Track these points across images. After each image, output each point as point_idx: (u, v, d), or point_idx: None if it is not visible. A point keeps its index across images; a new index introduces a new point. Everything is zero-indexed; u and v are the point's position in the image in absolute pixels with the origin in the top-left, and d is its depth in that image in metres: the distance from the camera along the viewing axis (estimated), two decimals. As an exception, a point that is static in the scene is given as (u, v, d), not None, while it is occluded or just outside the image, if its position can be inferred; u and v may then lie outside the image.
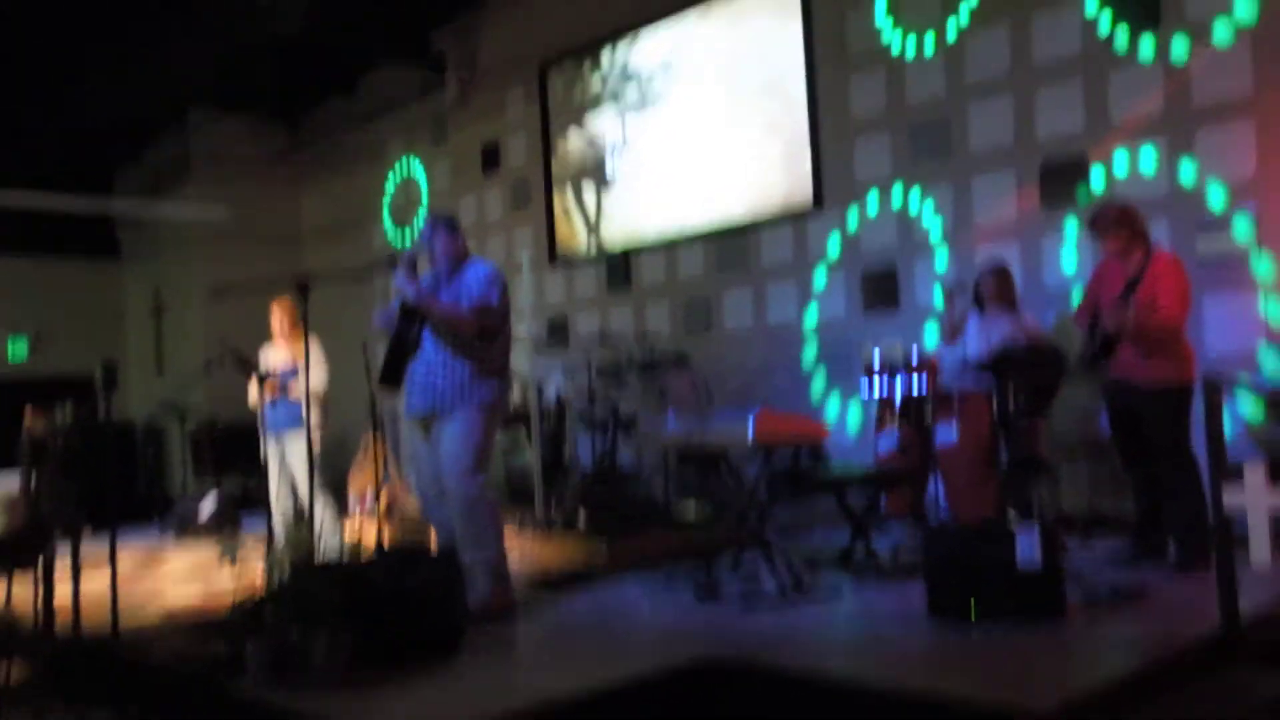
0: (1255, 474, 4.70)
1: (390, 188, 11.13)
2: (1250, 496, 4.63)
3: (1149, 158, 6.01)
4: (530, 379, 7.19)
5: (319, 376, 6.16)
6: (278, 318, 6.27)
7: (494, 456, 4.90)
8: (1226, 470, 3.77)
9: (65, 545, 3.88)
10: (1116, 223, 4.88)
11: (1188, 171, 5.88)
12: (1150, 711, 3.13)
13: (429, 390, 4.69)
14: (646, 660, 3.62)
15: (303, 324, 5.81)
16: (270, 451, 6.23)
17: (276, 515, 6.12)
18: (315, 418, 6.16)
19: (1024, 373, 5.07)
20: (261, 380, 6.16)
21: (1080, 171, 6.28)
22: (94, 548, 5.15)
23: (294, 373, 6.20)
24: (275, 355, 6.39)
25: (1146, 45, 5.99)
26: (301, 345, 6.11)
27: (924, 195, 7.03)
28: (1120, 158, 6.12)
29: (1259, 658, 3.59)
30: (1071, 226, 6.29)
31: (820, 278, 7.61)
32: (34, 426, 4.28)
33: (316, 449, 6.01)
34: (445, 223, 4.95)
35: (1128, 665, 3.29)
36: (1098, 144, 6.20)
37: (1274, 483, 4.60)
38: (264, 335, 6.61)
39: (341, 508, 7.79)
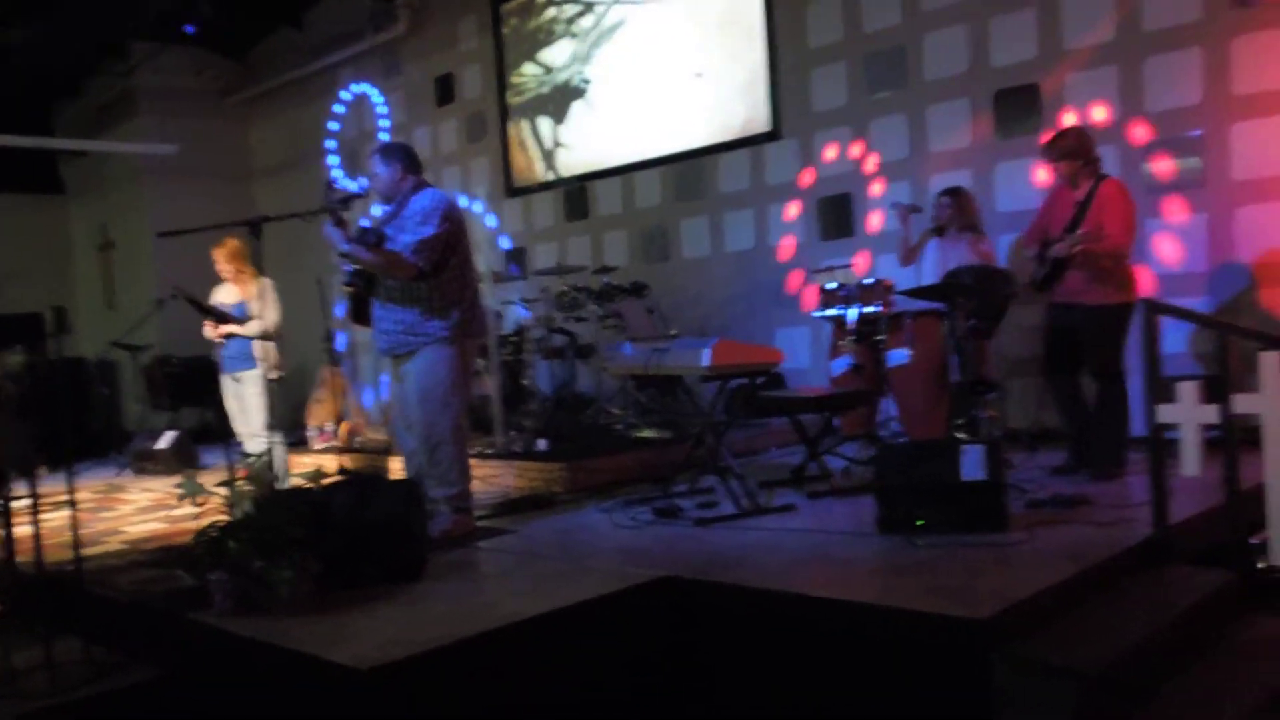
0: (1188, 389, 4.84)
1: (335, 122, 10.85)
2: (1183, 410, 4.78)
3: (1101, 83, 6.07)
4: (488, 308, 7.20)
5: (270, 316, 6.19)
6: (219, 262, 6.27)
7: (468, 383, 4.87)
8: (1161, 385, 3.90)
9: (22, 486, 3.88)
10: (1068, 150, 4.94)
11: (1136, 98, 5.95)
12: (1087, 609, 3.29)
13: (382, 333, 4.71)
14: (607, 580, 3.70)
15: (251, 264, 5.81)
16: (227, 389, 6.29)
17: (248, 447, 6.20)
18: (271, 355, 6.20)
19: (972, 295, 5.17)
20: (216, 321, 6.18)
21: (1033, 98, 6.33)
22: (52, 486, 5.13)
23: (243, 311, 6.22)
24: (225, 295, 6.39)
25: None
26: (248, 286, 6.13)
27: (879, 123, 7.06)
28: (1073, 84, 6.18)
29: (1189, 559, 3.78)
30: (1025, 153, 6.36)
31: (777, 205, 7.64)
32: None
33: (262, 383, 6.07)
34: (378, 153, 4.72)
35: (1065, 570, 3.43)
36: (1050, 71, 6.25)
37: (1208, 397, 4.75)
38: (215, 268, 6.57)
39: (301, 440, 7.83)
